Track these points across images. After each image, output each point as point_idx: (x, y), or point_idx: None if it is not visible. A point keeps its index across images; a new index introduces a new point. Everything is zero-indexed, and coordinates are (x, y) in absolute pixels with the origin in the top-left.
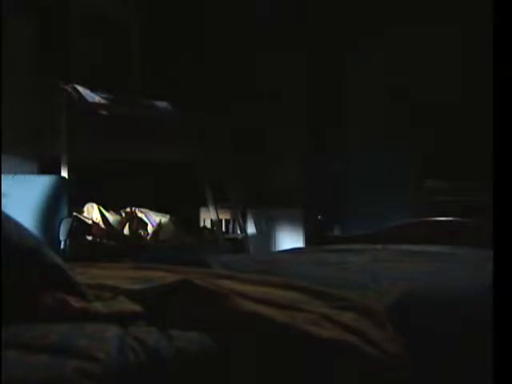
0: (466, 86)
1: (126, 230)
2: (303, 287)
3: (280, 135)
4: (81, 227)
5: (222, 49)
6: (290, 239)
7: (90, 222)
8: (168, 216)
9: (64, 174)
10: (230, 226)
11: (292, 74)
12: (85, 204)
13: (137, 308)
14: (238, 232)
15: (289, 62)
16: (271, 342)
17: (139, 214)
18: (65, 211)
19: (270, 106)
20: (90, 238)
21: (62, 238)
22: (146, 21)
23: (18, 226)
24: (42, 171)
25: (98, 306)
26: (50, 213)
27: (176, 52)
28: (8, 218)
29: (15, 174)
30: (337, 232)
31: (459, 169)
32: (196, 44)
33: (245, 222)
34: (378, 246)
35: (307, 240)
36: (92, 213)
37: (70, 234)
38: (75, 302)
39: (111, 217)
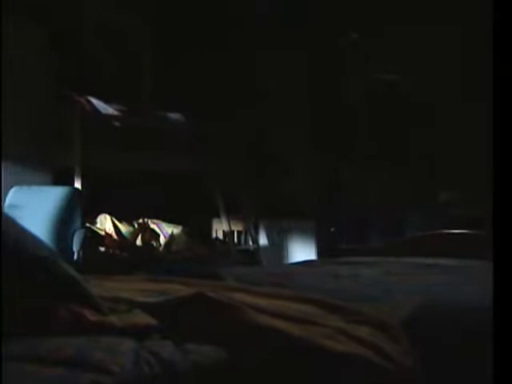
0: (476, 98)
1: (139, 241)
2: (317, 301)
3: (292, 146)
4: (94, 238)
5: (233, 58)
6: (302, 251)
7: (103, 233)
8: (180, 227)
9: (77, 185)
10: (242, 238)
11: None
12: (98, 215)
13: (152, 321)
14: (250, 243)
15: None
16: (286, 356)
17: (152, 225)
18: (78, 222)
19: (281, 118)
20: (102, 249)
21: (75, 249)
22: (157, 30)
23: (32, 237)
24: (56, 182)
25: (113, 319)
26: (63, 224)
27: (187, 62)
28: (23, 228)
29: (29, 185)
30: (349, 244)
31: (473, 181)
32: (208, 54)
33: (257, 233)
34: (391, 259)
35: (320, 252)
36: (105, 224)
37: (84, 245)
38: (90, 315)
39: (124, 228)
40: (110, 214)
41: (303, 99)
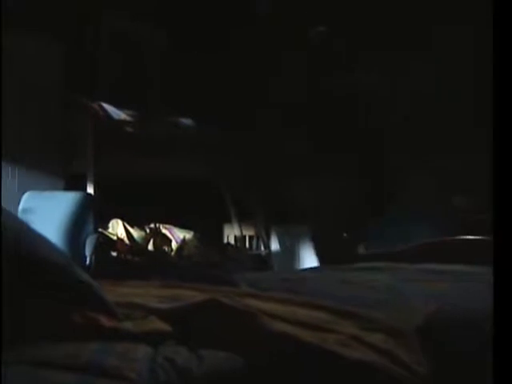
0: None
1: (151, 246)
2: (331, 307)
3: (304, 151)
4: (106, 243)
5: (242, 64)
6: (314, 256)
7: (115, 238)
8: (192, 232)
9: (90, 190)
10: (254, 243)
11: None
12: (110, 220)
13: (167, 327)
14: (262, 248)
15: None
16: (300, 363)
17: (163, 230)
18: (90, 227)
19: (291, 121)
20: (114, 254)
21: (87, 254)
22: (169, 36)
23: (47, 242)
24: (69, 188)
25: (128, 325)
26: (76, 229)
27: (199, 67)
28: (37, 234)
29: (42, 190)
30: (362, 250)
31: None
32: (220, 59)
33: (268, 238)
34: (405, 265)
35: (332, 258)
36: (117, 229)
37: (96, 250)
38: (106, 321)
39: (136, 233)
40: (121, 219)
41: (309, 102)
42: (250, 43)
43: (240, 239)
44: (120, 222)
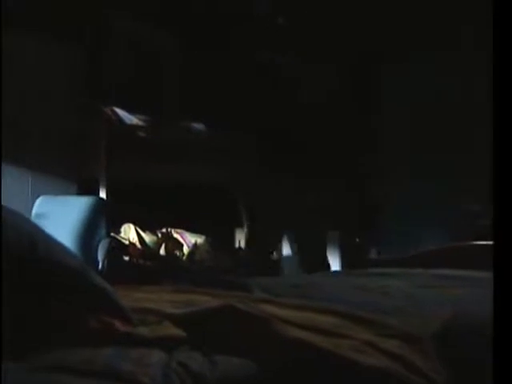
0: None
1: (162, 251)
2: (345, 313)
3: (315, 156)
4: (118, 248)
5: (255, 70)
6: (326, 261)
7: (127, 242)
8: (203, 237)
9: (102, 194)
10: (266, 248)
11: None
12: (122, 224)
13: (181, 333)
14: (274, 253)
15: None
16: (315, 368)
17: (175, 235)
18: (103, 232)
19: (303, 127)
20: (126, 258)
21: (100, 258)
22: (181, 42)
23: (60, 246)
24: (81, 192)
25: (143, 330)
26: (88, 233)
27: (212, 73)
28: (52, 238)
29: (55, 194)
30: (375, 255)
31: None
32: (232, 65)
33: (280, 243)
34: (419, 271)
35: (345, 263)
36: (129, 233)
37: (108, 254)
38: (121, 326)
39: (148, 237)
40: (133, 223)
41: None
42: (252, 44)
43: (251, 244)
44: (132, 226)
